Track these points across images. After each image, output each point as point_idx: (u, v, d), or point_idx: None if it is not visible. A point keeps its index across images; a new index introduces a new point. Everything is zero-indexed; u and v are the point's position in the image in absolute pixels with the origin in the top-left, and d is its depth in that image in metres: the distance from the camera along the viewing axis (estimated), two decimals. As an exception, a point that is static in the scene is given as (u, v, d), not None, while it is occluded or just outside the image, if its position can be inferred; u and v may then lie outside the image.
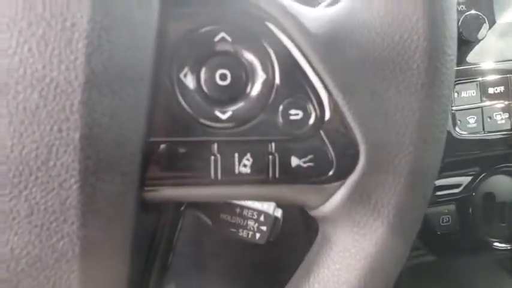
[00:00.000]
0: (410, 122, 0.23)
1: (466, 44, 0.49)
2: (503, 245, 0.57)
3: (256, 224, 0.33)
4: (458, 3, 0.50)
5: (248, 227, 0.33)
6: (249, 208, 0.33)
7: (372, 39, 0.23)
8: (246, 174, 0.23)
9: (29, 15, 0.18)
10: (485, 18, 0.48)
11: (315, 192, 0.25)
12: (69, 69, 0.19)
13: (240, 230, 0.33)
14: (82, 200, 0.20)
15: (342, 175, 0.24)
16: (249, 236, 0.33)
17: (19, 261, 0.20)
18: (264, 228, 0.33)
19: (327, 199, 0.25)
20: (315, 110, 0.23)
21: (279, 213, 0.34)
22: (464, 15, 0.48)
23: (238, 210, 0.33)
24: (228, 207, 0.33)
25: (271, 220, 0.33)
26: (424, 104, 0.23)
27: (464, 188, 0.57)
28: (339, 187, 0.24)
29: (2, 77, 0.18)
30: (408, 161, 0.24)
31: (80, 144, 0.19)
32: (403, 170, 0.24)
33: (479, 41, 0.49)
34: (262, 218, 0.33)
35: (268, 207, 0.34)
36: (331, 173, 0.24)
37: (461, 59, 0.50)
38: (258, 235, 0.33)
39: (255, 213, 0.33)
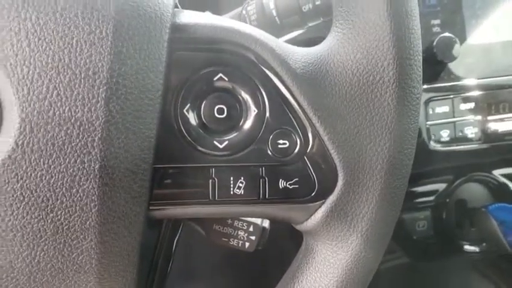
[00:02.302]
0: (381, 150, 0.27)
1: (440, 63, 0.53)
2: (472, 247, 0.61)
3: (246, 234, 0.36)
4: (433, 25, 0.54)
5: (239, 237, 0.36)
6: (239, 219, 0.36)
7: (349, 79, 0.26)
8: (240, 195, 0.26)
9: (57, 65, 0.21)
10: (457, 40, 0.52)
11: (299, 210, 0.28)
12: (91, 111, 0.22)
13: (231, 240, 0.36)
14: (100, 221, 0.23)
15: (322, 195, 0.27)
16: (239, 245, 0.36)
17: (44, 273, 0.23)
18: (253, 237, 0.36)
19: (309, 216, 0.28)
20: (300, 139, 0.27)
21: (266, 223, 0.37)
22: (438, 37, 0.52)
23: (229, 221, 0.36)
24: (221, 219, 0.36)
25: (260, 230, 0.36)
26: (393, 136, 0.27)
27: (439, 194, 0.61)
28: (320, 206, 0.28)
29: (34, 118, 0.21)
30: (380, 183, 0.27)
31: (99, 173, 0.22)
32: (375, 191, 0.27)
33: (452, 60, 0.52)
34: (251, 229, 0.36)
35: (257, 218, 0.37)
36: (313, 193, 0.27)
37: (435, 78, 0.54)
38: (247, 244, 0.36)
39: (244, 224, 0.36)
